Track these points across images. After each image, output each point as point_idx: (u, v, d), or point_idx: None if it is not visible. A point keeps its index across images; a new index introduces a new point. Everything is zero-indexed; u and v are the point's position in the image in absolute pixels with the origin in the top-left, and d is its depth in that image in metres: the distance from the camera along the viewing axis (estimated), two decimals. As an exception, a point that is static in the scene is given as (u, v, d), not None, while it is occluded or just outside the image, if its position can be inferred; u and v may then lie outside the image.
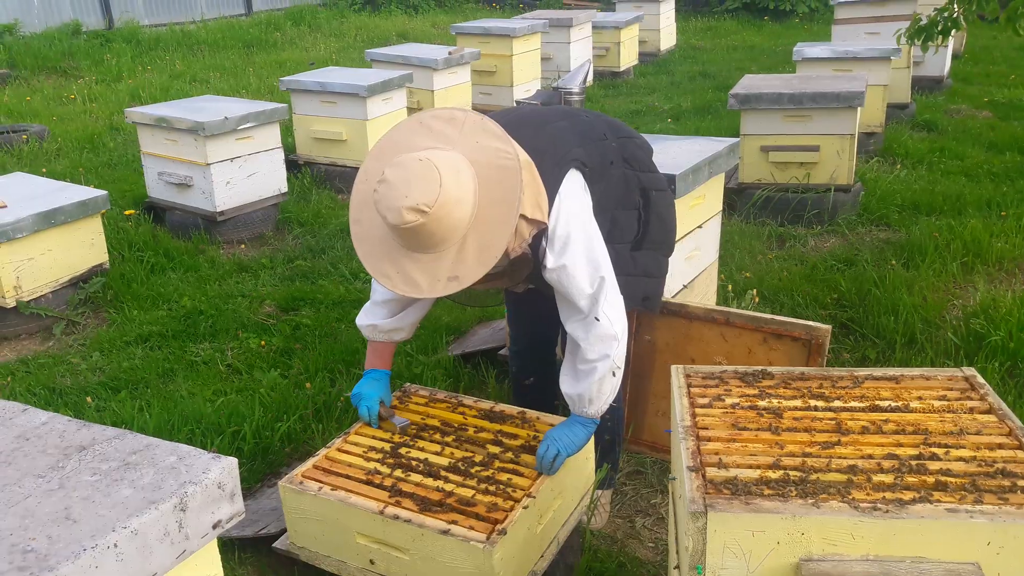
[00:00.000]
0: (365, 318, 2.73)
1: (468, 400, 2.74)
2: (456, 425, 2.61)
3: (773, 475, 1.61)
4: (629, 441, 2.96)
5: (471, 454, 2.44)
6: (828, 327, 2.84)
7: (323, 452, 2.52)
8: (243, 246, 5.78)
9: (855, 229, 5.47)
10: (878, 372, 2.02)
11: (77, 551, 1.06)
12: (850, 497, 1.53)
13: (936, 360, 3.43)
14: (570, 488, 2.46)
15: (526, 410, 2.64)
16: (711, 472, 1.63)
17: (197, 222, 5.81)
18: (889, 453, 1.67)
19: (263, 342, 4.14)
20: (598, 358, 2.30)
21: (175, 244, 5.62)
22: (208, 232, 5.79)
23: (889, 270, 4.41)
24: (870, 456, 1.67)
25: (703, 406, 1.91)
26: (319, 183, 6.81)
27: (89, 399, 3.64)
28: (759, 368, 2.06)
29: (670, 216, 2.71)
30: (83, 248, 4.77)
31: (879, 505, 1.50)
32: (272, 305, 4.69)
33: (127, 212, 5.90)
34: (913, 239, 4.93)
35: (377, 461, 2.46)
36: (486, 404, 2.71)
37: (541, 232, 2.23)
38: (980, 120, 8.01)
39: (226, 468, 1.27)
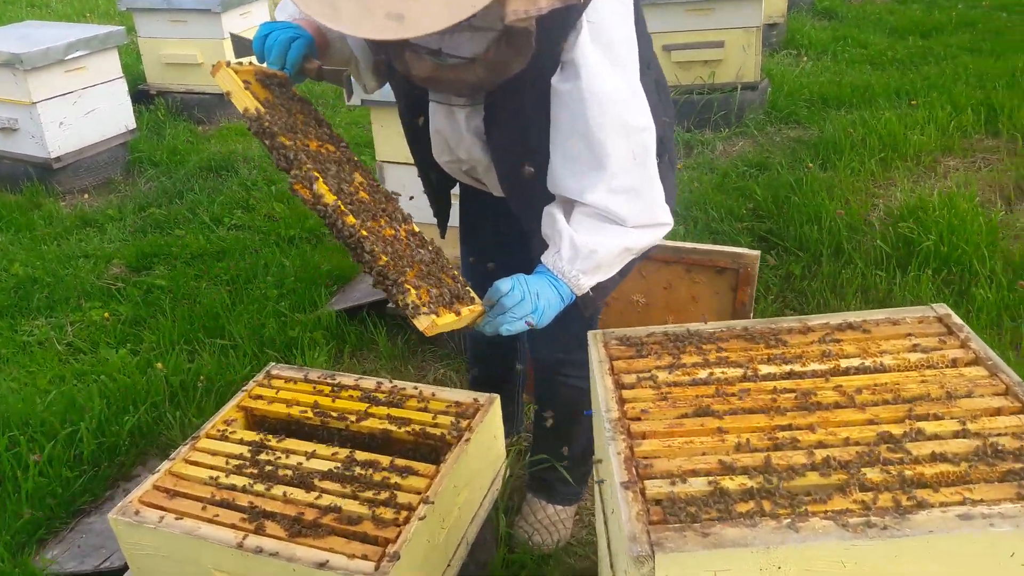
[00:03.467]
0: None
1: (348, 379, 2.26)
2: (333, 414, 2.13)
3: (731, 484, 1.22)
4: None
5: (352, 452, 1.98)
6: (757, 253, 2.48)
7: (165, 466, 2.01)
8: (86, 195, 5.00)
9: (764, 129, 5.15)
10: (835, 319, 1.65)
11: None
12: (834, 510, 1.16)
13: (867, 271, 3.15)
14: (477, 475, 2.05)
15: (420, 386, 2.19)
16: (652, 487, 1.23)
17: (28, 171, 4.99)
18: (869, 435, 1.30)
19: (107, 314, 3.50)
20: (641, 224, 1.63)
21: (3, 199, 4.81)
22: (43, 182, 4.98)
23: (805, 172, 4.11)
24: (847, 441, 1.30)
25: (629, 386, 1.50)
26: (175, 114, 5.99)
27: None
28: (691, 327, 1.66)
29: (670, 182, 1.81)
30: None
31: (872, 519, 1.13)
32: (121, 265, 4.03)
33: (-64, 166, 5.00)
34: (826, 136, 4.64)
35: (233, 472, 1.97)
36: (370, 383, 2.23)
37: (566, 16, 1.51)
38: (879, 5, 7.79)
39: None
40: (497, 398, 2.10)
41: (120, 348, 3.26)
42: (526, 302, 1.59)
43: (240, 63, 1.74)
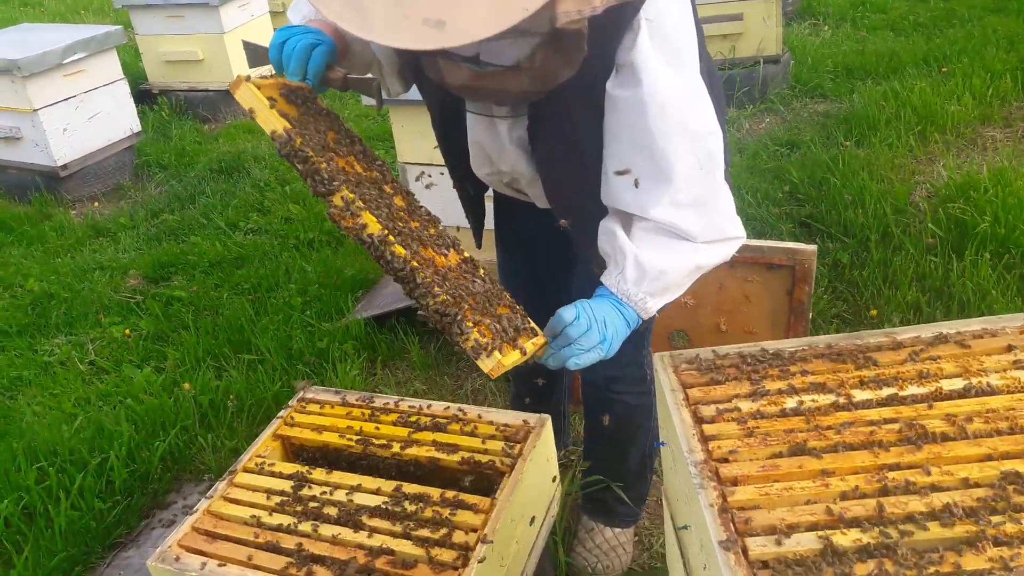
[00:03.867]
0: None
1: (387, 401, 2.14)
2: (376, 441, 2.02)
3: (845, 540, 1.10)
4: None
5: (400, 485, 1.87)
6: (813, 248, 2.34)
7: (203, 505, 1.91)
8: (97, 203, 4.89)
9: (790, 104, 4.98)
10: (927, 332, 1.52)
11: None
12: (968, 571, 1.03)
13: (919, 258, 3.00)
14: (533, 504, 1.93)
15: (464, 407, 2.07)
16: (755, 547, 1.11)
17: (35, 181, 4.87)
18: (991, 475, 1.18)
19: (128, 330, 3.40)
20: (712, 240, 1.49)
21: (12, 211, 4.69)
22: (51, 191, 4.86)
23: (841, 151, 3.94)
24: (966, 482, 1.17)
25: (710, 419, 1.37)
26: (180, 114, 5.85)
27: (-97, 443, 2.87)
28: (768, 346, 1.53)
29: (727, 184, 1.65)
30: None
31: (1015, 582, 1.01)
32: (138, 276, 3.92)
33: (-59, 179, 4.88)
34: (857, 110, 4.46)
35: (276, 510, 1.86)
36: (410, 404, 2.12)
37: (621, 15, 1.36)
38: (896, -34, 7.53)
39: None
40: (548, 419, 1.98)
41: (144, 366, 3.16)
42: (593, 331, 1.45)
43: (266, 76, 1.60)
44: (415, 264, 1.39)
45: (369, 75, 1.76)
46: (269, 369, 2.99)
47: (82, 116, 4.86)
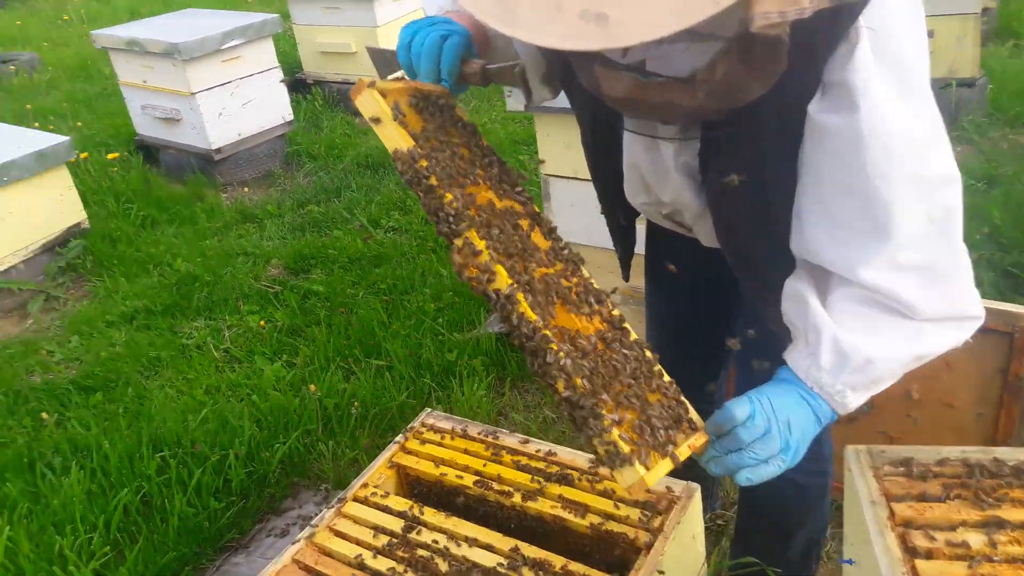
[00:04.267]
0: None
1: (512, 440, 1.94)
2: (496, 486, 1.82)
3: None
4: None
5: (517, 545, 1.65)
6: (1037, 315, 1.93)
7: (307, 533, 1.77)
8: (247, 188, 4.99)
9: (986, 134, 4.40)
10: None
11: None
12: None
13: None
14: (670, 587, 1.67)
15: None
16: None
17: (191, 162, 5.03)
18: None
19: (263, 322, 3.38)
20: (940, 318, 1.18)
21: (169, 191, 4.86)
22: (206, 173, 5.01)
23: (1053, 192, 3.41)
24: None
25: (925, 554, 1.07)
26: (332, 105, 5.91)
27: (45, 415, 2.94)
28: (1002, 455, 1.21)
29: None
30: (50, 206, 4.05)
31: None
32: (279, 266, 3.93)
33: (110, 156, 5.12)
34: (1072, 145, 3.87)
35: (382, 552, 1.69)
36: (539, 447, 1.90)
37: (835, 20, 1.08)
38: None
39: None
40: (697, 490, 1.70)
41: (275, 360, 3.13)
42: (772, 436, 1.15)
43: (399, 79, 1.41)
44: (547, 334, 1.13)
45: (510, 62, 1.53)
46: (396, 377, 2.88)
47: (237, 101, 4.97)
